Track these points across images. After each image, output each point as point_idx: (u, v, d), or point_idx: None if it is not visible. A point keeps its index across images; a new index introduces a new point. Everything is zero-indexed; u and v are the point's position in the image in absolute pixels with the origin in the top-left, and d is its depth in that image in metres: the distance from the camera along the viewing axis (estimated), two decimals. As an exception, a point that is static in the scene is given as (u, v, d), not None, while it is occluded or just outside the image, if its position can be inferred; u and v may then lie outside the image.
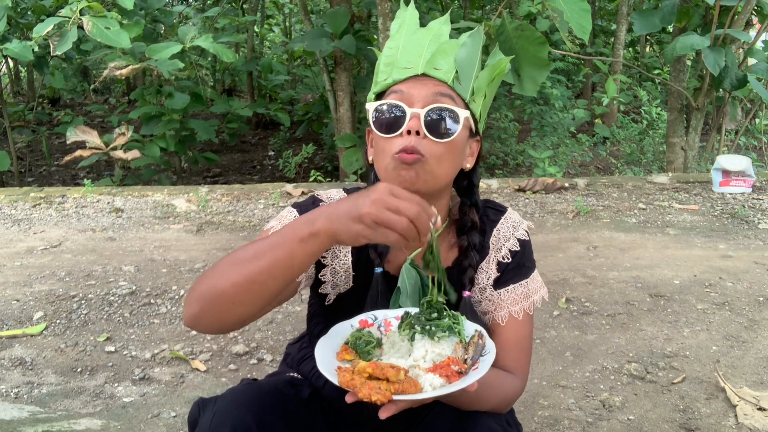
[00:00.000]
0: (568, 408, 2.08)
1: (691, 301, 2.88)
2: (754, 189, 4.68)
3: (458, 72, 1.12)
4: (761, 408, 2.02)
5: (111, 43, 4.26)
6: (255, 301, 0.98)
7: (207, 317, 0.99)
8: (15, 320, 2.67)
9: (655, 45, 9.92)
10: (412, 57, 1.13)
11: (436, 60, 1.12)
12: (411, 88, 1.10)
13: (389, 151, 1.08)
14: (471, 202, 1.21)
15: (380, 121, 1.10)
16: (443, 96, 1.09)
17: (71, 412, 2.06)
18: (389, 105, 1.09)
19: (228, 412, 1.06)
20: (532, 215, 4.17)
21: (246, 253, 0.98)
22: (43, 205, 4.32)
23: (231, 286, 0.96)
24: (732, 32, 4.63)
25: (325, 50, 5.30)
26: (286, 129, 7.60)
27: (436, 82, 1.10)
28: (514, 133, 6.68)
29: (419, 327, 1.03)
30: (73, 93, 10.47)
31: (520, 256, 1.22)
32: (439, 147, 1.08)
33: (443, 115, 1.08)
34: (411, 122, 1.07)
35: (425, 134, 1.07)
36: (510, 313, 1.20)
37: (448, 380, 0.93)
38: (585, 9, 2.84)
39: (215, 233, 3.80)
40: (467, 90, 1.13)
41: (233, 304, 0.97)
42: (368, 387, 0.87)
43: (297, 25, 10.83)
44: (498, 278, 1.21)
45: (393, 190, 0.92)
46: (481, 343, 1.01)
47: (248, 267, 0.95)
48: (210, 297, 0.97)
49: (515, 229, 1.23)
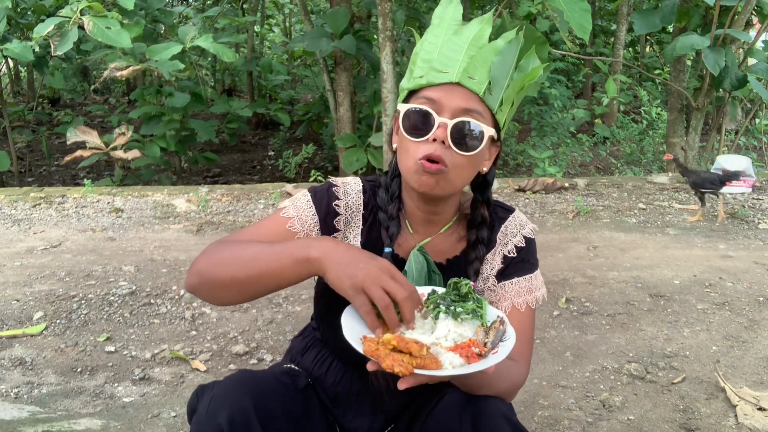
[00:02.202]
0: (568, 408, 2.08)
1: (691, 301, 2.88)
2: (754, 189, 4.68)
3: (491, 82, 1.14)
4: (761, 408, 2.02)
5: (112, 43, 4.26)
6: (247, 293, 1.09)
7: (202, 292, 1.12)
8: (15, 320, 2.67)
9: (655, 45, 9.92)
10: (450, 61, 1.14)
11: (471, 68, 1.13)
12: (443, 96, 1.12)
13: (414, 154, 1.13)
14: (483, 199, 1.26)
15: (409, 123, 1.14)
16: (472, 111, 1.12)
17: (71, 412, 2.06)
18: (420, 110, 1.13)
19: (226, 396, 1.08)
20: (532, 215, 4.17)
21: (246, 253, 1.08)
22: (43, 205, 4.32)
23: (224, 278, 1.08)
24: (732, 32, 4.63)
25: (325, 50, 5.31)
26: (286, 129, 7.60)
27: (467, 94, 1.13)
28: (514, 133, 6.68)
29: (444, 307, 1.06)
30: (73, 93, 10.47)
31: (526, 252, 1.27)
32: (461, 158, 1.13)
33: (469, 130, 1.12)
34: (438, 131, 1.10)
35: (449, 144, 1.11)
36: (513, 304, 1.23)
37: (468, 361, 0.97)
38: (585, 9, 2.84)
39: (215, 233, 3.80)
40: (497, 100, 1.15)
41: (225, 291, 1.10)
42: (392, 358, 0.91)
43: (297, 25, 10.84)
44: (503, 271, 1.25)
45: (393, 272, 1.00)
46: (502, 329, 1.04)
47: (241, 269, 1.07)
48: (208, 278, 1.10)
49: (522, 227, 1.28)
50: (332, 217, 1.24)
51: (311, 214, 1.21)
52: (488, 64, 1.14)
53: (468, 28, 1.18)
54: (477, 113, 1.12)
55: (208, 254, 1.11)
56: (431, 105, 1.12)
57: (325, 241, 1.05)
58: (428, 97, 1.13)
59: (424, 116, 1.12)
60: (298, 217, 1.20)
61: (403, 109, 1.15)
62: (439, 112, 1.11)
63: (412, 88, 1.17)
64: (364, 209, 1.26)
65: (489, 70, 1.14)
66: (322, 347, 1.32)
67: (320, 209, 1.23)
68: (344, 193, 1.26)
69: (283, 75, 8.93)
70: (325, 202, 1.24)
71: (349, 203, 1.26)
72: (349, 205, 1.25)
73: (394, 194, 1.24)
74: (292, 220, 1.20)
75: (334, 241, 1.05)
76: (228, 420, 1.04)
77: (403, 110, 1.15)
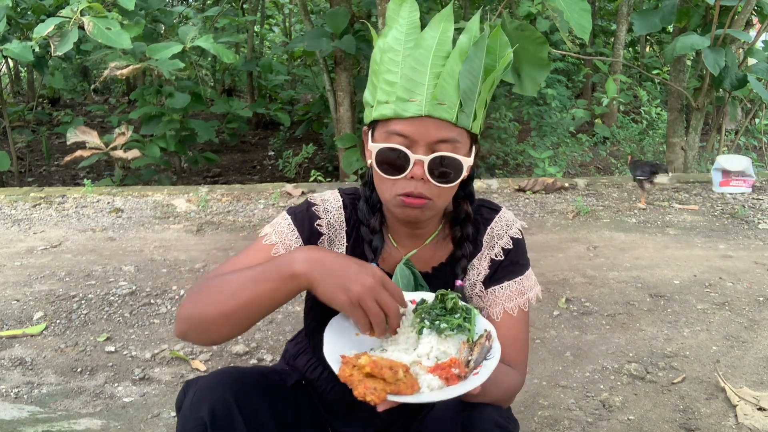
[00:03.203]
0: (568, 408, 2.08)
1: (691, 301, 2.88)
2: (754, 189, 4.68)
3: (462, 98, 1.08)
4: (761, 408, 2.02)
5: (111, 43, 4.26)
6: (240, 325, 1.04)
7: (193, 336, 1.07)
8: (15, 320, 2.67)
9: (655, 45, 9.92)
10: (415, 86, 1.07)
11: (440, 92, 1.06)
12: (414, 130, 1.07)
13: (392, 189, 1.10)
14: (464, 194, 1.22)
15: (383, 162, 1.09)
16: (447, 143, 1.07)
17: (71, 412, 2.06)
18: (393, 149, 1.08)
19: (208, 390, 1.08)
20: (532, 215, 4.17)
21: (230, 285, 1.03)
22: (43, 205, 4.32)
23: (213, 315, 1.03)
24: (732, 32, 4.63)
25: (325, 50, 5.31)
26: (286, 129, 7.60)
27: (440, 124, 1.07)
28: (514, 133, 6.69)
29: (428, 321, 1.04)
30: (73, 93, 10.47)
31: (514, 254, 1.24)
32: (442, 189, 1.10)
33: (447, 164, 1.08)
34: (415, 168, 1.07)
35: (428, 179, 1.08)
36: (505, 309, 1.21)
37: (447, 383, 0.94)
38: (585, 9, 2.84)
39: (215, 233, 3.80)
40: (470, 116, 1.10)
41: (217, 328, 1.04)
42: (364, 386, 0.90)
43: (297, 25, 10.83)
44: (491, 276, 1.23)
45: (385, 282, 0.99)
46: (488, 345, 1.01)
47: (232, 299, 1.02)
48: (196, 320, 1.05)
49: (509, 227, 1.25)
50: (316, 238, 1.22)
51: (294, 237, 1.19)
52: (456, 78, 1.07)
53: (428, 34, 1.08)
54: (452, 141, 1.07)
55: (192, 296, 1.07)
56: (403, 141, 1.07)
57: (308, 252, 1.01)
58: (398, 132, 1.07)
59: (398, 155, 1.07)
60: (282, 242, 1.18)
61: (374, 149, 1.10)
62: (413, 147, 1.07)
63: (379, 118, 1.11)
64: (347, 225, 1.24)
65: (458, 85, 1.07)
66: (313, 354, 1.31)
67: (303, 231, 1.21)
68: (325, 211, 1.24)
69: (283, 75, 8.93)
70: (307, 224, 1.22)
71: (331, 221, 1.23)
72: (331, 223, 1.23)
73: (375, 206, 1.22)
74: (275, 246, 1.18)
75: (318, 251, 1.02)
76: (210, 413, 1.04)
77: (375, 150, 1.10)
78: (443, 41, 1.08)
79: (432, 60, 1.07)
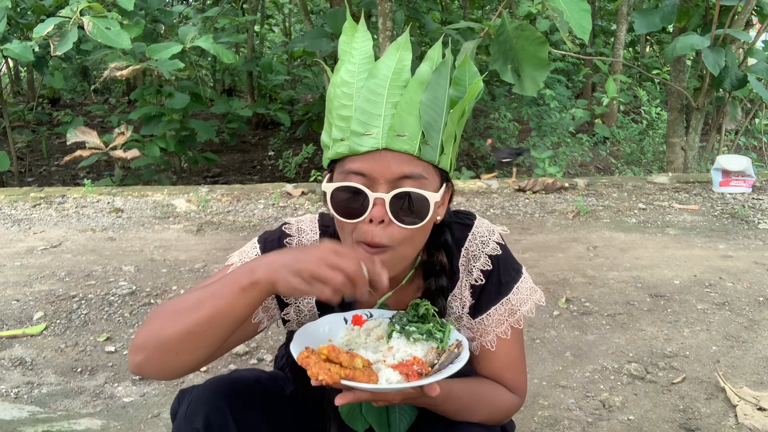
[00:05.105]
0: (568, 408, 2.08)
1: (691, 301, 2.88)
2: (754, 189, 4.68)
3: (424, 130, 0.98)
4: (761, 408, 2.02)
5: (111, 43, 4.26)
6: (198, 349, 0.95)
7: (151, 366, 0.97)
8: (15, 320, 2.67)
9: (655, 45, 9.93)
10: (371, 118, 0.97)
11: (398, 123, 0.97)
12: (372, 167, 0.96)
13: (351, 235, 1.00)
14: (440, 243, 1.11)
15: (340, 204, 0.99)
16: (409, 178, 0.97)
17: (71, 412, 2.06)
18: (349, 188, 0.98)
19: (203, 400, 1.07)
20: (532, 215, 4.17)
21: (187, 303, 0.95)
22: (43, 205, 4.32)
23: (172, 335, 0.93)
24: (732, 32, 4.63)
25: (325, 50, 5.31)
26: (286, 129, 7.60)
27: (400, 157, 0.97)
28: (514, 133, 6.69)
29: (399, 326, 1.04)
30: (73, 93, 10.47)
31: (495, 274, 1.13)
32: (407, 231, 0.99)
33: (411, 202, 0.97)
34: (375, 210, 0.96)
35: (391, 220, 0.97)
36: (497, 335, 1.13)
37: (407, 378, 0.93)
38: (585, 9, 2.84)
39: (215, 233, 3.80)
40: (436, 148, 0.99)
41: (176, 353, 0.94)
42: (319, 366, 0.89)
43: (297, 25, 10.83)
44: (476, 305, 1.14)
45: (336, 248, 0.90)
46: (456, 352, 0.99)
47: (189, 317, 0.93)
48: (152, 346, 0.95)
49: (485, 245, 1.14)
50: None
51: None
52: (416, 108, 0.97)
53: (383, 63, 0.99)
54: (416, 176, 0.97)
55: (146, 324, 0.98)
56: (361, 180, 0.97)
57: (263, 258, 0.94)
58: (355, 170, 0.97)
59: (354, 194, 0.97)
60: None
61: (328, 189, 0.99)
62: (372, 186, 0.96)
63: (333, 158, 1.01)
64: None
65: (419, 115, 0.97)
66: None
67: None
68: (298, 230, 1.17)
69: (283, 75, 8.93)
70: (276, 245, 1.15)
71: (303, 240, 1.16)
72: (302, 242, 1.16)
73: None
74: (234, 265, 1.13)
75: (270, 254, 0.94)
76: (204, 423, 1.03)
77: (328, 191, 0.99)
78: (400, 69, 0.99)
79: (389, 90, 0.98)
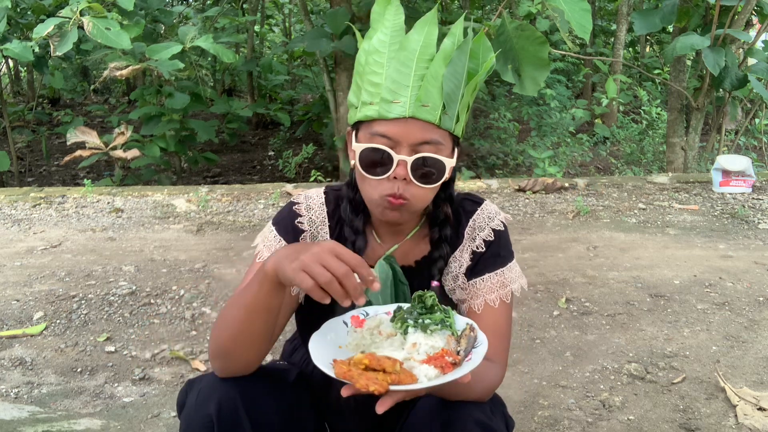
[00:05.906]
0: (568, 408, 2.08)
1: (691, 301, 2.88)
2: (754, 189, 4.68)
3: (445, 101, 1.10)
4: (761, 408, 2.02)
5: (111, 44, 4.26)
6: (254, 343, 1.07)
7: (229, 368, 1.10)
8: (15, 320, 2.67)
9: (655, 45, 9.92)
10: (399, 88, 1.09)
11: (424, 94, 1.09)
12: (398, 131, 1.09)
13: (375, 190, 1.12)
14: (445, 196, 1.24)
15: (367, 162, 1.12)
16: (430, 144, 1.10)
17: (71, 412, 2.06)
18: (376, 150, 1.10)
19: (214, 387, 1.09)
20: (532, 215, 4.17)
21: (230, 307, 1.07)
22: (43, 205, 4.32)
23: (228, 341, 1.06)
24: (732, 32, 4.63)
25: (324, 50, 5.30)
26: (286, 129, 7.60)
27: (423, 125, 1.10)
28: (514, 133, 6.68)
29: (412, 321, 1.05)
30: (73, 93, 10.47)
31: (496, 245, 1.25)
32: (424, 190, 1.12)
33: (429, 165, 1.11)
34: (398, 169, 1.09)
35: (411, 180, 1.10)
36: (486, 301, 1.22)
37: (443, 371, 0.96)
38: (585, 9, 2.84)
39: (215, 233, 3.80)
40: (453, 118, 1.12)
41: (240, 353, 1.07)
42: (365, 378, 0.89)
43: (297, 25, 10.83)
44: (473, 268, 1.25)
45: (336, 249, 0.95)
46: (473, 336, 1.03)
47: (233, 321, 1.05)
48: (220, 354, 1.08)
49: (490, 220, 1.26)
50: (298, 235, 1.24)
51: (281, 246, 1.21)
52: (439, 81, 1.09)
53: (412, 37, 1.11)
54: (435, 143, 1.10)
55: (211, 336, 1.10)
56: (387, 142, 1.10)
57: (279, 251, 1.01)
58: (382, 133, 1.10)
59: (381, 155, 1.10)
60: None
61: (358, 149, 1.12)
62: (396, 148, 1.09)
63: (363, 119, 1.14)
64: (330, 220, 1.26)
65: (441, 88, 1.09)
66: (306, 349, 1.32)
67: (287, 236, 1.24)
68: (307, 208, 1.27)
69: (283, 75, 8.92)
70: (290, 226, 1.25)
71: (313, 217, 1.26)
72: (312, 219, 1.26)
73: (358, 207, 1.23)
74: None
75: (284, 248, 1.01)
76: (216, 410, 1.05)
77: (358, 150, 1.12)
78: (427, 44, 1.10)
79: (416, 62, 1.10)
